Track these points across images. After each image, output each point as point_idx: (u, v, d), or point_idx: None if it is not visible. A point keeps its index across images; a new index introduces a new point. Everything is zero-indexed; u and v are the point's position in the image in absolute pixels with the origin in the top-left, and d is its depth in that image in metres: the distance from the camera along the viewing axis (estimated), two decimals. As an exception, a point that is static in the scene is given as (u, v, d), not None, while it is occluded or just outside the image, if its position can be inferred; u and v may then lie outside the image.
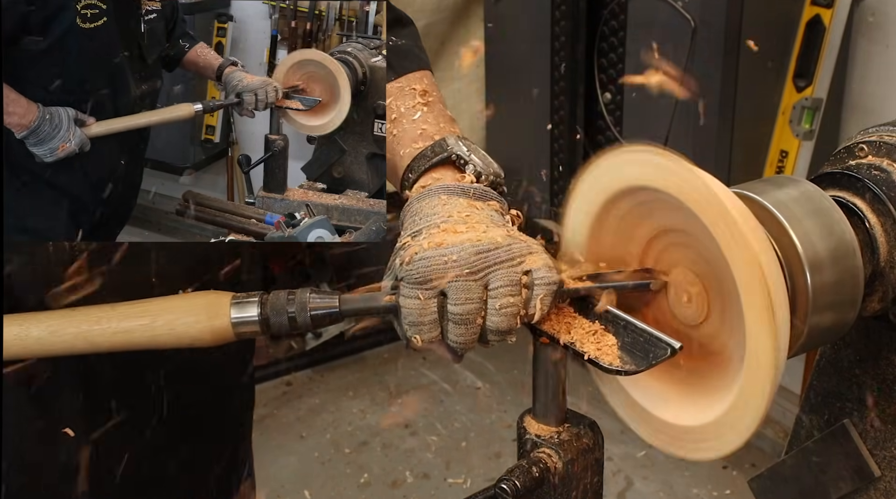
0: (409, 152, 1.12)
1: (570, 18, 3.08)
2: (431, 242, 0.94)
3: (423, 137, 1.12)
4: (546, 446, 0.96)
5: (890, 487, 1.01)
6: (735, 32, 2.67)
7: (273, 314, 0.97)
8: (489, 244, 0.92)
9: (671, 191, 0.84)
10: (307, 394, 3.57)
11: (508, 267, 0.91)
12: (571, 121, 3.21)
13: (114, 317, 0.97)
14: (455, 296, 0.91)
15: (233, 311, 0.97)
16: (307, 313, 0.97)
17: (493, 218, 0.99)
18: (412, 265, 0.92)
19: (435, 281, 0.91)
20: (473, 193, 1.02)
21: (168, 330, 0.96)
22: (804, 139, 2.71)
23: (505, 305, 0.90)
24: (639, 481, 3.08)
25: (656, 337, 0.86)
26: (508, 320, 0.91)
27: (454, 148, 1.08)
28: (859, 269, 0.89)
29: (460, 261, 0.91)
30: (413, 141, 1.13)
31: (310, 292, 0.98)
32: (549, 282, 0.91)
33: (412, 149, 1.12)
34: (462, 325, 0.91)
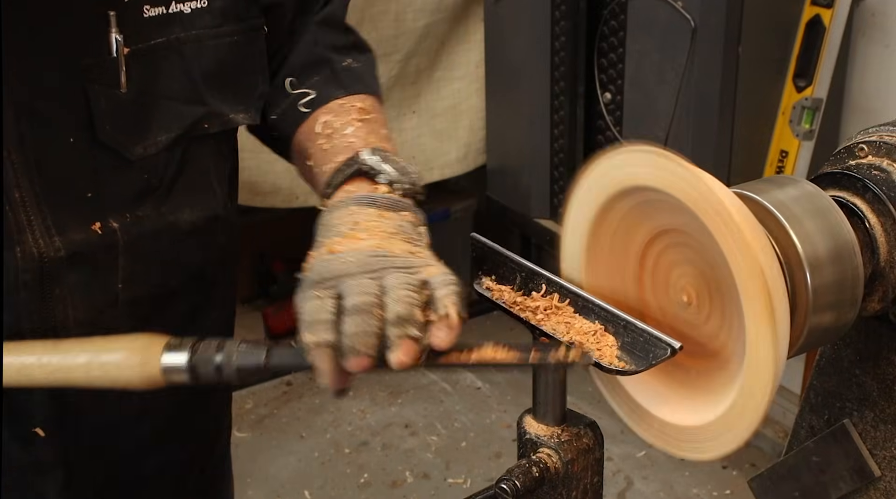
0: (330, 167, 1.13)
1: (570, 18, 3.08)
2: (331, 249, 0.95)
3: (348, 152, 1.13)
4: (546, 446, 0.96)
5: (890, 487, 1.01)
6: (735, 32, 2.67)
7: (201, 364, 0.94)
8: (386, 252, 0.93)
9: (671, 191, 0.84)
10: (307, 394, 3.57)
11: (405, 273, 0.92)
12: (571, 121, 3.22)
13: (55, 353, 0.95)
14: (350, 291, 0.90)
15: (164, 357, 0.94)
16: (233, 367, 0.94)
17: (402, 228, 1.00)
18: (311, 270, 0.93)
19: (331, 280, 0.91)
20: (383, 203, 1.02)
21: (102, 373, 0.94)
22: (804, 139, 2.71)
23: (402, 297, 0.89)
24: (639, 481, 3.08)
25: (656, 337, 0.86)
26: (408, 307, 0.89)
27: (366, 159, 1.09)
28: (859, 269, 0.90)
29: (357, 262, 0.92)
30: (337, 155, 1.15)
31: (239, 344, 0.94)
32: (448, 283, 0.91)
33: (334, 164, 1.13)
34: (357, 314, 0.88)
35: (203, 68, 1.14)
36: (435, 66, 3.56)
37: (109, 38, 1.05)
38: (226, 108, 1.18)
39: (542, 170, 3.36)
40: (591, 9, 3.06)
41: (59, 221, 1.07)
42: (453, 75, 3.59)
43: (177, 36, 1.11)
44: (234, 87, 1.19)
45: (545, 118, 3.28)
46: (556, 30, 3.15)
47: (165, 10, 1.10)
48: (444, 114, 3.62)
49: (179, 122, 1.14)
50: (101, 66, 1.06)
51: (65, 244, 1.07)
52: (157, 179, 1.14)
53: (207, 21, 1.13)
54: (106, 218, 1.10)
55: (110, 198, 1.11)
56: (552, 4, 3.11)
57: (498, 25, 3.39)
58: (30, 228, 1.05)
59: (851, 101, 2.86)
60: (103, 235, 1.10)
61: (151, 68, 1.10)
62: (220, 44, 1.15)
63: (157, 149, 1.12)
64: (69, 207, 1.08)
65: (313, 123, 1.22)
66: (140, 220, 1.13)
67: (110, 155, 1.09)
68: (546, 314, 0.94)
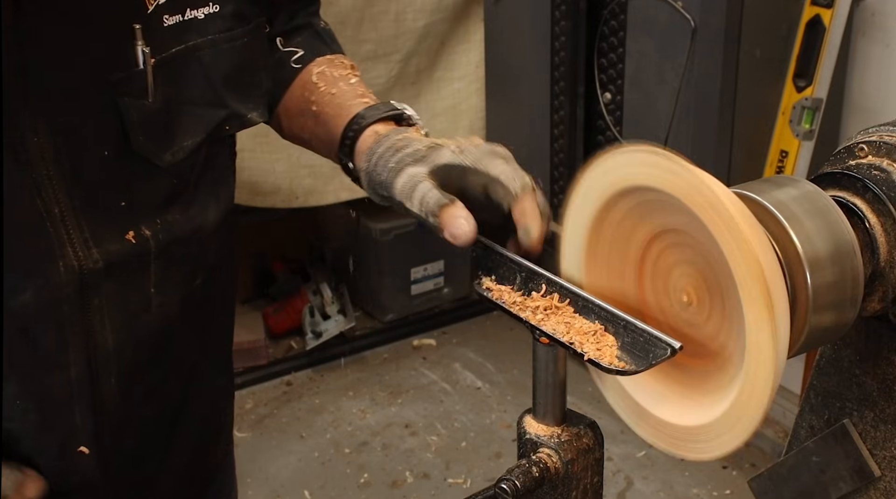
0: (357, 103, 1.22)
1: (570, 18, 3.08)
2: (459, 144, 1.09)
3: (362, 97, 1.23)
4: (546, 446, 0.96)
5: (890, 487, 1.01)
6: (735, 32, 2.67)
7: None
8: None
9: (671, 191, 0.84)
10: (307, 394, 3.57)
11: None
12: (571, 121, 3.22)
13: None
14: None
15: None
16: None
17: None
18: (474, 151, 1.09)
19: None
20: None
21: None
22: (804, 139, 2.71)
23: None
24: (639, 481, 3.08)
25: (656, 337, 0.86)
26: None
27: (404, 109, 1.20)
28: (859, 269, 0.89)
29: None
30: (357, 97, 1.23)
31: None
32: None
33: (359, 102, 1.21)
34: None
35: (221, 72, 1.16)
36: (435, 66, 3.56)
37: (136, 51, 1.07)
38: (243, 109, 1.21)
39: (542, 170, 3.36)
40: (591, 9, 3.06)
41: (95, 233, 1.09)
42: (453, 75, 3.59)
43: (194, 42, 1.13)
44: (248, 87, 1.22)
45: (545, 118, 3.28)
46: (556, 30, 3.15)
47: (182, 17, 1.11)
48: (444, 114, 3.62)
49: (204, 126, 1.16)
50: (130, 78, 1.07)
51: (102, 255, 1.10)
52: (183, 183, 1.17)
53: (220, 25, 1.15)
54: (139, 226, 1.13)
55: (141, 206, 1.13)
56: (552, 4, 3.11)
57: (498, 25, 3.40)
58: (70, 242, 1.07)
59: (851, 101, 2.86)
60: (137, 244, 1.13)
61: (174, 76, 1.11)
62: (234, 46, 1.17)
63: (185, 154, 1.15)
64: (105, 219, 1.10)
65: (307, 75, 1.29)
66: (170, 225, 1.16)
67: (142, 164, 1.11)
68: (546, 314, 0.94)
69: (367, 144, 1.16)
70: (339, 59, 1.31)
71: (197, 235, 1.20)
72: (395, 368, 3.72)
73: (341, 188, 3.53)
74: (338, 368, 3.71)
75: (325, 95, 1.25)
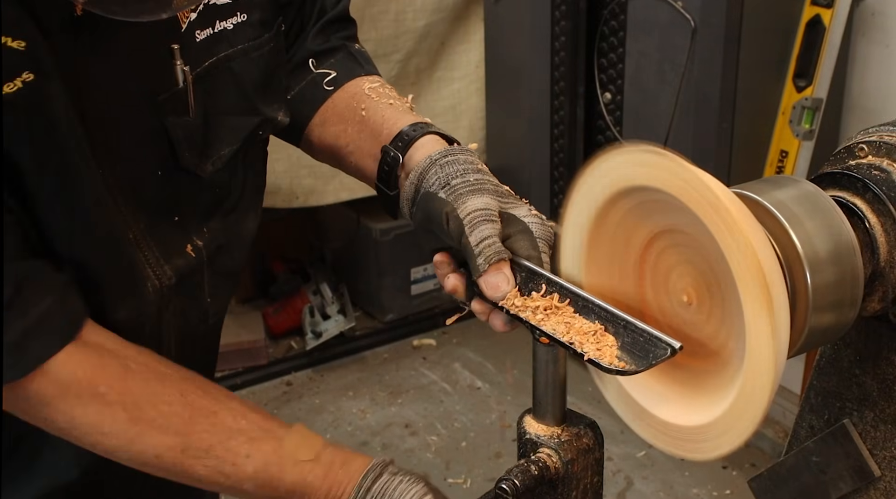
0: (413, 117, 1.21)
1: (570, 18, 3.08)
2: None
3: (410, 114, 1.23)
4: (546, 446, 0.96)
5: (890, 487, 1.01)
6: (735, 32, 2.67)
7: None
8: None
9: (671, 191, 0.84)
10: (307, 394, 3.57)
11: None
12: (571, 121, 3.22)
13: None
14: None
15: None
16: None
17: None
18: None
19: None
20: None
21: None
22: (804, 139, 2.71)
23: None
24: (639, 481, 3.08)
25: (656, 337, 0.86)
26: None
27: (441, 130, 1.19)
28: (859, 269, 0.89)
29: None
30: (411, 114, 1.23)
31: None
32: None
33: (404, 119, 1.20)
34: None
35: (252, 79, 1.18)
36: (435, 66, 3.56)
37: (175, 70, 1.08)
38: (272, 112, 1.22)
39: (542, 170, 3.36)
40: (591, 9, 3.06)
41: (164, 251, 1.12)
42: (453, 75, 3.59)
43: (225, 53, 1.14)
44: (276, 90, 1.23)
45: (545, 118, 3.28)
46: (556, 30, 3.15)
47: (212, 30, 1.13)
48: (444, 114, 3.62)
49: (239, 133, 1.18)
50: (174, 98, 1.09)
51: (174, 270, 1.13)
52: (225, 191, 1.19)
53: (249, 33, 1.17)
54: (192, 238, 1.15)
55: (189, 218, 1.15)
56: (552, 4, 3.11)
57: (498, 25, 3.40)
58: (148, 262, 1.10)
59: (851, 101, 2.86)
60: (195, 256, 1.15)
61: (209, 89, 1.13)
62: (262, 53, 1.19)
63: (223, 162, 1.16)
64: (166, 235, 1.13)
65: (357, 88, 1.27)
66: (214, 233, 1.18)
67: (188, 178, 1.13)
68: (546, 314, 0.94)
69: (433, 147, 1.14)
70: (375, 79, 1.30)
71: (238, 241, 1.22)
72: (395, 368, 3.72)
73: (341, 188, 3.53)
74: (338, 368, 3.71)
75: (378, 104, 1.25)
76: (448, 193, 1.06)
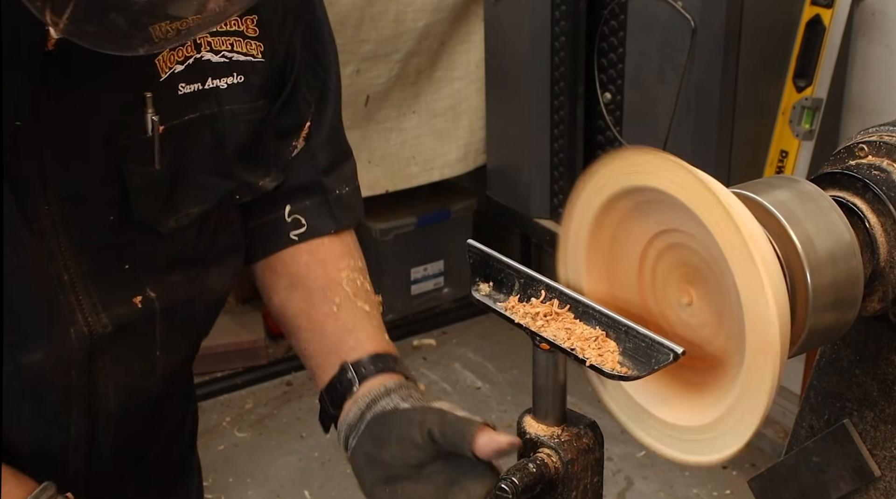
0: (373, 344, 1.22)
1: (570, 18, 3.08)
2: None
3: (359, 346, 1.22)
4: (546, 446, 0.96)
5: (890, 487, 1.01)
6: (735, 32, 2.67)
7: None
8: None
9: (671, 191, 0.84)
10: (307, 394, 3.57)
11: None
12: (571, 121, 3.22)
13: None
14: None
15: None
16: None
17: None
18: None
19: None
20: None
21: None
22: (804, 139, 2.71)
23: None
24: (639, 481, 3.08)
25: (658, 342, 0.86)
26: None
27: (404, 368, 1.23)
28: (859, 269, 0.89)
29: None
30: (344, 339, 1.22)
31: None
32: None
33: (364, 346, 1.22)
34: None
35: (235, 142, 1.14)
36: (435, 66, 3.56)
37: (146, 119, 1.06)
38: (254, 178, 1.19)
39: (542, 170, 3.35)
40: (591, 9, 3.06)
41: (104, 298, 1.08)
42: (453, 75, 3.59)
43: (211, 111, 1.11)
44: (263, 156, 1.20)
45: (545, 118, 3.28)
46: (556, 30, 3.15)
47: (202, 86, 1.10)
48: (444, 114, 3.61)
49: (212, 195, 1.14)
50: (138, 145, 1.06)
51: (111, 319, 1.09)
52: (190, 249, 1.15)
53: (244, 96, 1.13)
54: (144, 289, 1.12)
55: (146, 269, 1.12)
56: (552, 4, 3.11)
57: (498, 25, 3.39)
58: (80, 307, 1.06)
59: (851, 101, 2.85)
60: (143, 308, 1.12)
61: (184, 143, 1.10)
62: (254, 118, 1.15)
63: (190, 221, 1.13)
64: (112, 283, 1.09)
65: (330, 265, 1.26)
66: (173, 286, 1.14)
67: (145, 229, 1.10)
68: (546, 320, 0.94)
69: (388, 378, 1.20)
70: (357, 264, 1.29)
71: (201, 298, 1.18)
72: (395, 368, 3.72)
73: (341, 188, 3.53)
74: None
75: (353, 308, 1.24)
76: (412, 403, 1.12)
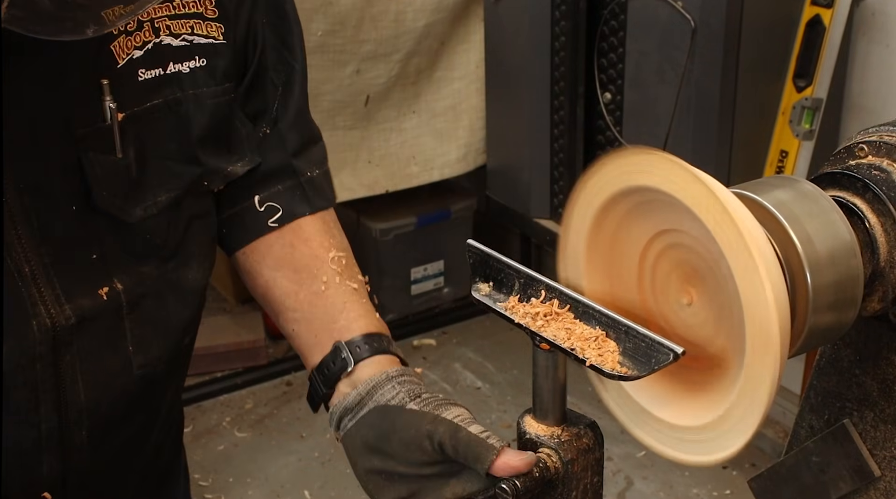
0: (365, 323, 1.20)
1: (570, 18, 3.08)
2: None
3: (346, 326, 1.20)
4: (546, 446, 0.96)
5: (890, 487, 1.01)
6: (735, 32, 2.67)
7: None
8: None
9: (671, 191, 0.84)
10: (307, 394, 3.57)
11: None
12: (571, 121, 3.22)
13: None
14: None
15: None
16: None
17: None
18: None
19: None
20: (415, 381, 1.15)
21: None
22: (804, 139, 2.71)
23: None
24: (639, 481, 3.08)
25: (658, 342, 0.86)
26: None
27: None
28: (859, 269, 0.89)
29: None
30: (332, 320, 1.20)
31: None
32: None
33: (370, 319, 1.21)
34: None
35: (199, 127, 1.13)
36: (435, 66, 3.56)
37: (104, 106, 1.04)
38: (223, 163, 1.17)
39: (542, 170, 3.35)
40: (591, 9, 3.06)
41: (67, 289, 1.06)
42: (453, 75, 3.59)
43: (174, 96, 1.10)
44: (231, 141, 1.18)
45: (545, 118, 3.28)
46: (556, 30, 3.15)
47: (163, 71, 1.09)
48: (444, 114, 3.61)
49: (179, 182, 1.13)
50: (96, 134, 1.05)
51: (74, 311, 1.07)
52: (161, 239, 1.13)
53: (207, 81, 1.12)
54: (111, 280, 1.10)
55: (114, 260, 1.10)
56: (552, 4, 3.11)
57: (498, 25, 3.39)
58: (42, 299, 1.04)
59: (851, 101, 2.86)
60: (109, 299, 1.09)
61: (147, 130, 1.08)
62: (218, 103, 1.14)
63: (158, 209, 1.11)
64: (77, 274, 1.07)
65: (314, 243, 1.24)
66: (143, 278, 1.12)
67: (110, 219, 1.08)
68: (546, 320, 0.94)
69: (389, 364, 1.17)
70: (319, 236, 1.24)
71: (175, 292, 1.16)
72: (395, 368, 3.72)
73: (341, 188, 3.53)
74: (338, 368, 3.71)
75: (341, 286, 1.22)
76: (420, 404, 1.08)
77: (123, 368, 1.14)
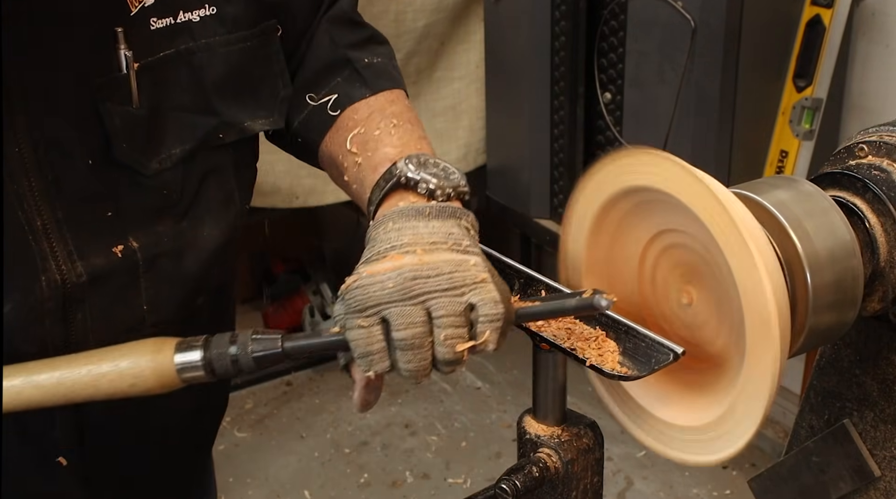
0: (369, 182, 1.10)
1: (570, 18, 3.08)
2: (370, 270, 0.93)
3: (385, 163, 1.09)
4: (546, 446, 0.96)
5: (890, 487, 1.01)
6: (735, 32, 2.67)
7: (216, 358, 0.94)
8: (429, 270, 0.91)
9: (671, 191, 0.84)
10: (307, 394, 3.57)
11: (451, 296, 0.90)
12: (571, 121, 3.21)
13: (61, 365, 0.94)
14: (396, 321, 0.89)
15: (177, 356, 0.94)
16: (249, 356, 0.94)
17: (451, 235, 0.96)
18: (349, 293, 0.92)
19: (373, 308, 0.90)
20: (430, 213, 0.99)
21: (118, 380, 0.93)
22: (804, 139, 2.71)
23: (449, 336, 0.90)
24: (639, 481, 3.08)
25: (658, 342, 0.86)
26: (454, 352, 0.90)
27: (403, 170, 1.05)
28: (859, 269, 0.89)
29: (396, 286, 0.90)
30: (373, 170, 1.11)
31: (252, 333, 0.95)
32: (492, 318, 0.90)
33: (371, 179, 1.10)
34: (409, 350, 0.90)
35: (214, 77, 1.11)
36: (435, 66, 3.56)
37: (119, 55, 1.03)
38: (242, 117, 1.15)
39: (542, 170, 3.35)
40: (591, 9, 3.06)
41: (80, 246, 1.05)
42: (453, 75, 3.59)
43: (186, 46, 1.08)
44: (252, 94, 1.16)
45: (545, 118, 3.28)
46: (556, 30, 3.15)
47: (173, 20, 1.07)
48: (444, 114, 3.61)
49: (192, 133, 1.11)
50: (113, 83, 1.03)
51: (87, 269, 1.06)
52: (176, 194, 1.12)
53: (218, 29, 1.11)
54: (126, 238, 1.09)
55: (129, 216, 1.09)
56: (552, 4, 3.11)
57: (498, 25, 3.39)
58: (53, 255, 1.03)
59: (851, 101, 2.85)
60: (124, 257, 1.08)
61: (162, 81, 1.07)
62: (231, 51, 1.12)
63: (173, 162, 1.10)
64: (91, 231, 1.06)
65: (345, 134, 1.18)
66: (160, 237, 1.11)
67: (127, 173, 1.07)
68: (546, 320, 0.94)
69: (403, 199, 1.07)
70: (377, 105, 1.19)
71: (191, 250, 1.15)
72: (395, 368, 3.72)
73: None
74: (338, 368, 3.71)
75: (353, 165, 1.16)
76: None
77: (136, 326, 1.13)
